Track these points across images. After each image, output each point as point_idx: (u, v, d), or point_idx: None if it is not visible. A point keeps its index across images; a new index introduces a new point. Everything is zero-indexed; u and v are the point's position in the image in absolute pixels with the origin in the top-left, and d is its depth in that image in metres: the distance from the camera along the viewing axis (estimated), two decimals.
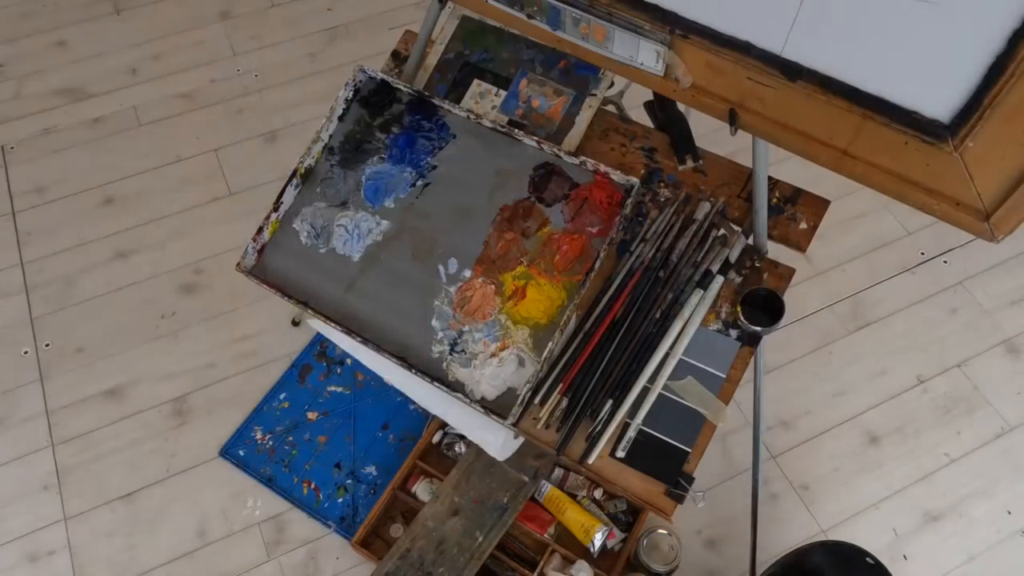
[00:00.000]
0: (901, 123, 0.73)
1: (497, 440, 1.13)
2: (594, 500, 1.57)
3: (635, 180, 1.04)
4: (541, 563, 1.49)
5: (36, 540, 1.58)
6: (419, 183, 1.12)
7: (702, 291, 1.00)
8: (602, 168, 1.06)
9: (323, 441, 1.68)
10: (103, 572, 1.55)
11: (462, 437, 1.63)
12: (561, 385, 1.00)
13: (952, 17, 0.64)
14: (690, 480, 0.94)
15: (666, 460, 0.95)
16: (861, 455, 1.68)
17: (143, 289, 1.89)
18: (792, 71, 0.76)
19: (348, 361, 1.78)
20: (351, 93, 1.15)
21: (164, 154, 2.12)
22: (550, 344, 1.00)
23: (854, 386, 1.76)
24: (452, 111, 1.13)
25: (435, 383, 1.01)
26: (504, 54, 1.18)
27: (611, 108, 1.26)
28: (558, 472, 1.59)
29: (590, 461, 0.96)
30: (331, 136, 1.15)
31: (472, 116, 1.11)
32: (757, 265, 1.03)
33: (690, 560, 1.56)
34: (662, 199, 1.08)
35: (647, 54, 0.84)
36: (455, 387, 1.02)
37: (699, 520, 1.61)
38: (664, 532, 1.52)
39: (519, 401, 0.98)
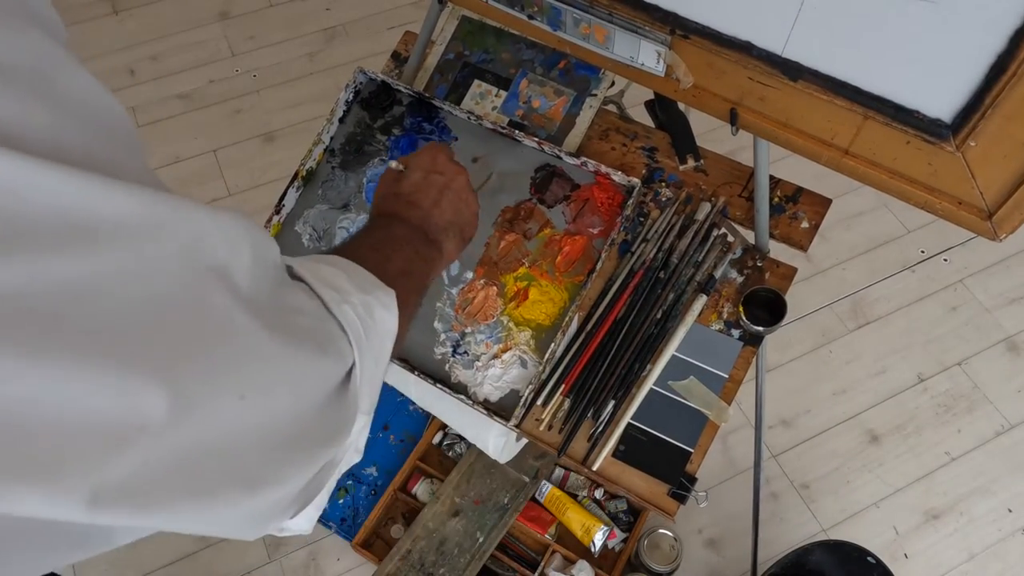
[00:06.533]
0: (902, 123, 0.73)
1: (498, 443, 1.13)
2: (595, 500, 1.57)
3: (636, 181, 1.04)
4: (542, 563, 1.49)
5: None
6: None
7: (704, 296, 1.00)
8: (603, 169, 1.06)
9: None
10: (104, 572, 1.55)
11: (462, 438, 1.63)
12: (563, 386, 1.00)
13: (953, 16, 0.64)
14: (693, 480, 0.94)
15: (668, 460, 0.95)
16: (861, 454, 1.68)
17: None
18: (793, 71, 0.76)
19: None
20: (351, 95, 1.15)
21: (163, 155, 2.12)
22: (552, 345, 1.00)
23: (854, 384, 1.76)
24: (453, 112, 1.12)
25: (438, 385, 1.01)
26: (504, 55, 1.18)
27: (612, 108, 1.25)
28: (558, 472, 1.59)
29: (593, 465, 0.96)
30: (332, 138, 1.15)
31: (473, 117, 1.11)
32: (759, 264, 1.03)
33: (691, 559, 1.56)
34: (663, 199, 1.08)
35: (648, 54, 0.84)
36: (458, 389, 1.02)
37: (700, 519, 1.61)
38: (665, 532, 1.52)
39: (522, 403, 0.98)
